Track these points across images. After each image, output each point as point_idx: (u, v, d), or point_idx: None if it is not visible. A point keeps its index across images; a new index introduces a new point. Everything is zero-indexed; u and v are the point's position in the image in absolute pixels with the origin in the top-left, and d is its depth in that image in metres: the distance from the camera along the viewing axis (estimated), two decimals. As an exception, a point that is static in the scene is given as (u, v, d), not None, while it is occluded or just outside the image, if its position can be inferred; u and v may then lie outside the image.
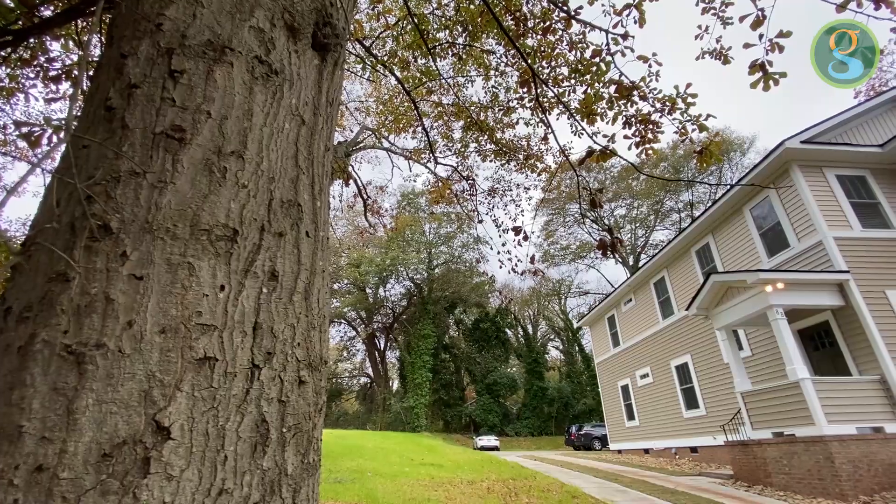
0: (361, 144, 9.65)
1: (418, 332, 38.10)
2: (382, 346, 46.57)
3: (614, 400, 20.40)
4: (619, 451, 19.58)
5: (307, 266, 1.09)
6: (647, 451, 17.36)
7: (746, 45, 2.65)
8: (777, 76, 2.66)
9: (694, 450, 14.22)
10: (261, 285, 0.96)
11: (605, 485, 10.17)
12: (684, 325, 14.82)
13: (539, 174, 8.89)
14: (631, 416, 18.71)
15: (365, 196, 10.06)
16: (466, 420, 41.90)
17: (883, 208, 10.16)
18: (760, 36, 2.69)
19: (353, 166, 8.92)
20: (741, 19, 2.78)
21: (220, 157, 0.99)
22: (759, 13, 2.61)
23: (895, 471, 7.65)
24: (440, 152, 8.74)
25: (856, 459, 7.68)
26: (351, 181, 9.91)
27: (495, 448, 28.71)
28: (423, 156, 9.68)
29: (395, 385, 50.19)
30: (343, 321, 45.72)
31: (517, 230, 4.10)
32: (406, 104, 8.80)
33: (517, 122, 8.32)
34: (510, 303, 49.45)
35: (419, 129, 8.31)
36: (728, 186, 14.06)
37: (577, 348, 46.04)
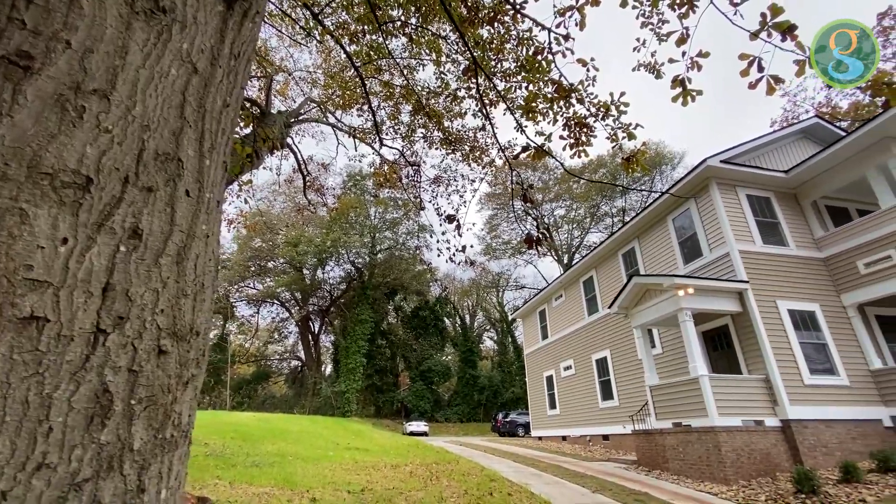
0: (304, 116, 9.20)
1: (356, 316, 37.51)
2: (317, 329, 45.35)
3: (539, 389, 21.45)
4: (540, 438, 20.67)
5: (183, 228, 1.00)
6: (564, 438, 18.48)
7: (671, 61, 2.83)
8: (694, 93, 2.88)
9: (606, 437, 15.34)
10: (118, 243, 0.86)
11: (523, 469, 10.68)
12: (606, 323, 15.84)
13: (484, 167, 9.01)
14: (553, 406, 19.79)
15: (305, 171, 9.64)
16: (398, 406, 42.13)
17: (781, 227, 11.43)
18: (683, 53, 2.88)
19: (292, 138, 8.49)
20: (668, 35, 2.96)
21: (79, 94, 0.87)
22: (684, 31, 2.80)
23: (770, 459, 8.73)
24: (387, 134, 8.57)
25: (739, 448, 8.66)
26: (290, 154, 9.45)
27: (424, 433, 29.19)
28: (369, 137, 9.43)
29: (328, 369, 49.16)
30: (276, 302, 43.89)
31: (451, 218, 4.11)
32: (356, 80, 8.50)
33: (465, 113, 8.34)
34: (446, 292, 50.10)
35: (366, 107, 8.06)
36: (657, 194, 15.09)
37: (510, 339, 47.70)
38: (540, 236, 3.42)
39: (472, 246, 7.95)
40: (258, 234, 34.06)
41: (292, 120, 7.79)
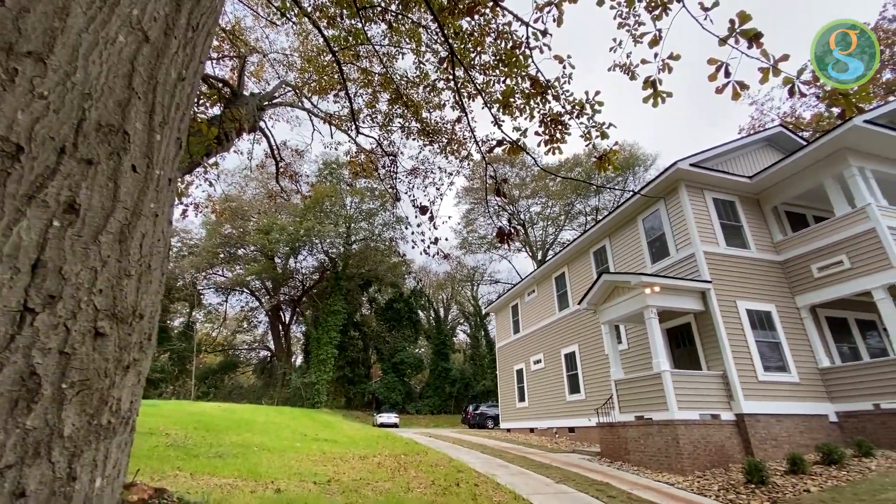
0: (279, 100, 8.94)
1: (328, 307, 37.04)
2: (288, 319, 44.55)
3: (509, 382, 21.79)
4: (509, 430, 21.03)
5: (128, 205, 0.94)
6: (532, 430, 18.86)
7: (644, 62, 2.89)
8: (664, 95, 2.94)
9: (572, 430, 15.75)
10: (51, 217, 0.81)
11: (490, 460, 10.85)
12: (576, 318, 16.20)
13: (461, 161, 9.00)
14: (522, 398, 20.15)
15: (278, 157, 9.38)
16: (369, 397, 42.02)
17: (744, 231, 11.91)
18: (656, 55, 2.94)
19: (265, 122, 8.24)
20: (641, 36, 3.01)
21: (11, 56, 0.81)
22: (657, 33, 2.86)
23: (724, 451, 9.15)
24: (364, 122, 8.42)
25: (695, 441, 9.04)
26: (263, 139, 9.18)
27: (395, 425, 29.23)
28: (345, 124, 9.25)
29: (299, 360, 48.49)
30: (246, 290, 42.82)
31: (424, 209, 4.09)
32: (333, 65, 8.31)
33: (444, 105, 8.28)
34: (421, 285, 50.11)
35: (343, 93, 7.90)
36: (629, 193, 15.45)
37: (482, 333, 48.17)
38: (512, 231, 3.45)
39: (446, 239, 7.95)
40: (228, 221, 33.08)
41: (265, 103, 7.55)
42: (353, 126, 7.56)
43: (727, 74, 2.60)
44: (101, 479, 0.87)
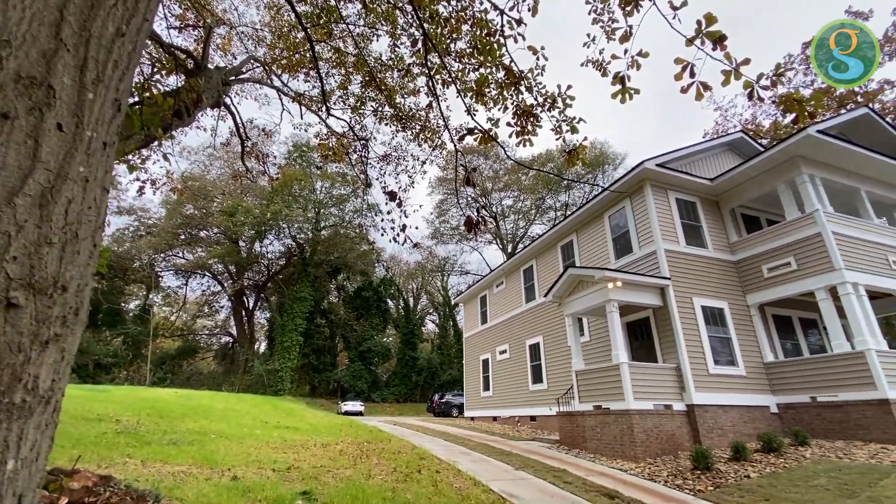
0: (246, 76, 8.56)
1: (294, 293, 36.30)
2: (251, 304, 43.40)
3: (475, 372, 22.09)
4: (473, 418, 21.36)
5: (50, 166, 0.86)
6: (495, 418, 19.23)
7: (614, 57, 2.93)
8: (632, 91, 3.00)
9: (533, 418, 16.15)
10: (-45, 174, 0.72)
11: (453, 448, 10.99)
12: (542, 310, 16.53)
13: (434, 149, 8.92)
14: (486, 387, 20.48)
15: (244, 135, 9.02)
16: (334, 385, 41.68)
17: (703, 231, 12.43)
18: (626, 51, 2.99)
19: (231, 98, 7.89)
20: (614, 32, 3.05)
21: None
22: (628, 29, 2.90)
23: (675, 439, 9.61)
24: (335, 104, 8.20)
25: (648, 430, 9.46)
26: (228, 116, 8.80)
27: (359, 413, 29.15)
28: (316, 104, 8.98)
29: (262, 347, 47.41)
30: (207, 274, 41.33)
31: (392, 195, 4.03)
32: (305, 43, 8.02)
33: (419, 91, 8.17)
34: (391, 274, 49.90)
35: (314, 72, 7.64)
36: (598, 189, 15.83)
37: (451, 323, 48.49)
38: (480, 220, 3.45)
39: (416, 227, 7.89)
40: (190, 201, 31.69)
41: (232, 78, 7.21)
42: (324, 107, 7.34)
43: (692, 74, 2.67)
44: (13, 462, 0.80)
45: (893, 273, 10.78)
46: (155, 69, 6.51)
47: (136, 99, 4.82)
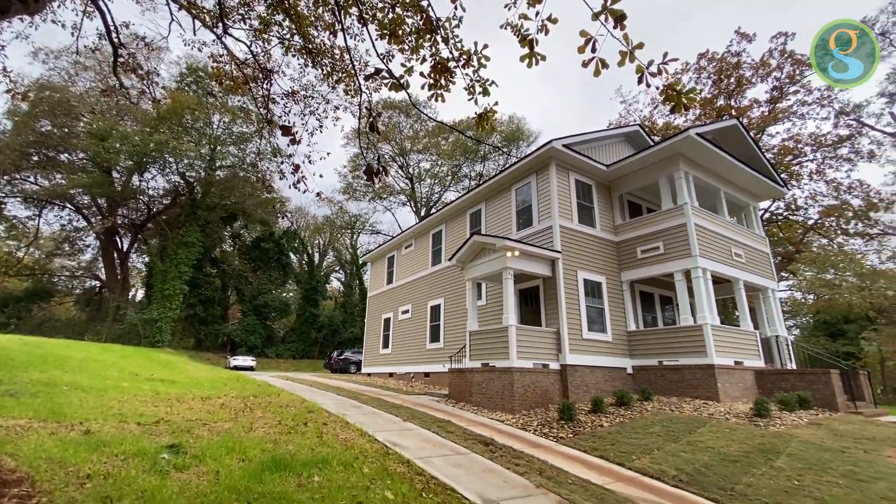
0: (120, -32, 7.05)
1: (180, 238, 32.67)
2: (126, 246, 38.22)
3: (376, 330, 22.28)
4: (370, 375, 21.69)
5: None
6: (391, 374, 19.75)
7: (524, 17, 2.93)
8: (539, 56, 3.05)
9: (427, 375, 16.89)
10: None
11: (344, 402, 11.07)
12: (446, 274, 17.03)
13: (348, 94, 8.35)
14: (386, 345, 20.83)
15: (117, 41, 7.56)
16: (224, 339, 39.16)
17: (594, 212, 13.61)
18: (537, 13, 3.01)
19: (97, -9, 6.45)
20: (531, -9, 3.04)
21: None
22: (540, -10, 2.91)
23: (548, 395, 10.73)
24: (234, 22, 7.18)
25: (527, 385, 10.42)
26: (96, 13, 7.26)
27: (250, 368, 27.92)
28: (212, 19, 7.79)
29: (139, 294, 42.52)
30: (68, 206, 35.18)
31: (286, 130, 3.69)
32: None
33: (337, 31, 7.48)
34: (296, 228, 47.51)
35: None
36: (513, 160, 16.38)
37: (357, 282, 47.94)
38: (380, 168, 3.32)
39: (321, 175, 7.43)
40: (46, 115, 26.24)
41: (99, -35, 5.89)
42: (220, 24, 6.39)
43: (594, 49, 2.77)
44: None
45: (733, 263, 12.93)
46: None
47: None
